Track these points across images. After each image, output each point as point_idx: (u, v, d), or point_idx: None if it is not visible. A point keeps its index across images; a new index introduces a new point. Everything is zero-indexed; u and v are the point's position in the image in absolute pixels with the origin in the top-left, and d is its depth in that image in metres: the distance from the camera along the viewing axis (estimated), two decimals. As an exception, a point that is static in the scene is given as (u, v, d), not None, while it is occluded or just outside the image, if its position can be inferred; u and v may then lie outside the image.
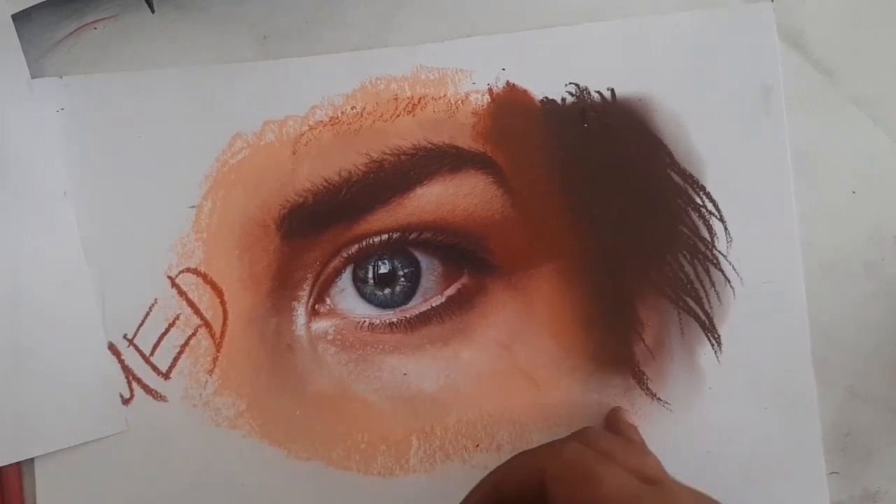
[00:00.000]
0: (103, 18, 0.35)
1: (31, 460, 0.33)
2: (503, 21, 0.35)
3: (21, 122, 0.33)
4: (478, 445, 0.34)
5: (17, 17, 0.33)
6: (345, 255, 0.34)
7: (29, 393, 0.33)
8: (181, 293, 0.34)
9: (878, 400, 0.35)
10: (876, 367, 0.35)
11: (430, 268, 0.35)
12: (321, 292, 0.34)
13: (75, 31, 0.35)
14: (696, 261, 0.35)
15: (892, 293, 0.36)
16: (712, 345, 0.35)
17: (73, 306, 0.34)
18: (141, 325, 0.34)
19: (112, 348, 0.34)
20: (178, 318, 0.34)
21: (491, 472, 0.30)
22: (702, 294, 0.35)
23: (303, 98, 0.35)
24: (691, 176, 0.35)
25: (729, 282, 0.35)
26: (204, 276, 0.34)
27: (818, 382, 0.35)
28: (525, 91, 0.35)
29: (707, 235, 0.35)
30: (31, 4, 0.33)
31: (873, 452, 0.35)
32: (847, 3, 0.36)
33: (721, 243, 0.35)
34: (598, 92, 0.35)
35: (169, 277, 0.34)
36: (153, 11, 0.33)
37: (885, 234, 0.36)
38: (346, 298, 0.34)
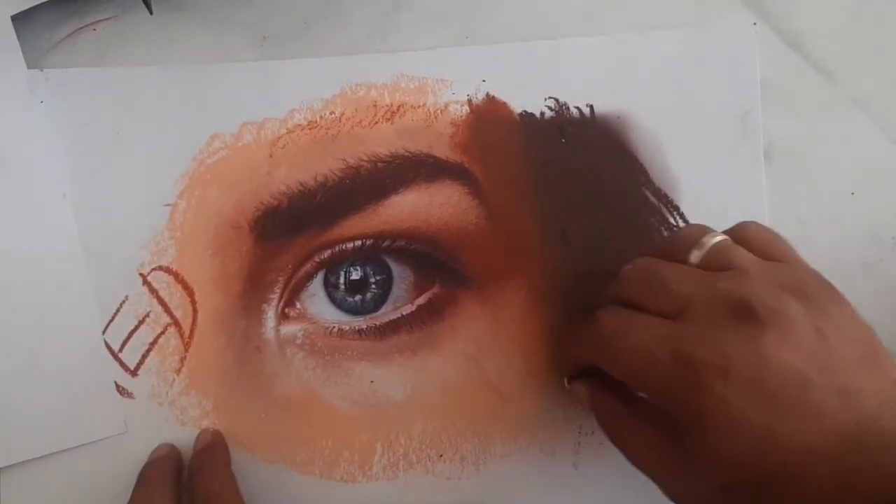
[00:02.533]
0: (102, 19, 0.35)
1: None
2: (501, 25, 0.35)
3: (22, 123, 0.33)
4: (441, 455, 0.34)
5: (16, 18, 0.33)
6: (317, 259, 0.34)
7: (27, 394, 0.33)
8: (152, 291, 0.34)
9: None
10: None
11: (401, 276, 0.35)
12: (292, 296, 0.34)
13: (74, 31, 0.35)
14: (667, 280, 0.35)
15: (892, 293, 0.36)
16: (680, 365, 0.35)
17: (72, 307, 0.34)
18: (111, 321, 0.34)
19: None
20: (147, 315, 0.34)
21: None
22: (672, 314, 0.35)
23: (282, 101, 0.35)
24: (666, 196, 0.35)
25: (699, 303, 0.35)
26: (175, 275, 0.34)
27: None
28: (504, 104, 0.35)
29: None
30: (30, 5, 0.33)
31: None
32: (847, 4, 0.36)
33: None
34: (577, 107, 0.35)
35: (141, 275, 0.34)
36: (151, 13, 0.33)
37: (884, 235, 0.36)
38: (317, 303, 0.34)
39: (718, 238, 0.29)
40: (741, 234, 0.30)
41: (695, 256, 0.29)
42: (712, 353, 0.25)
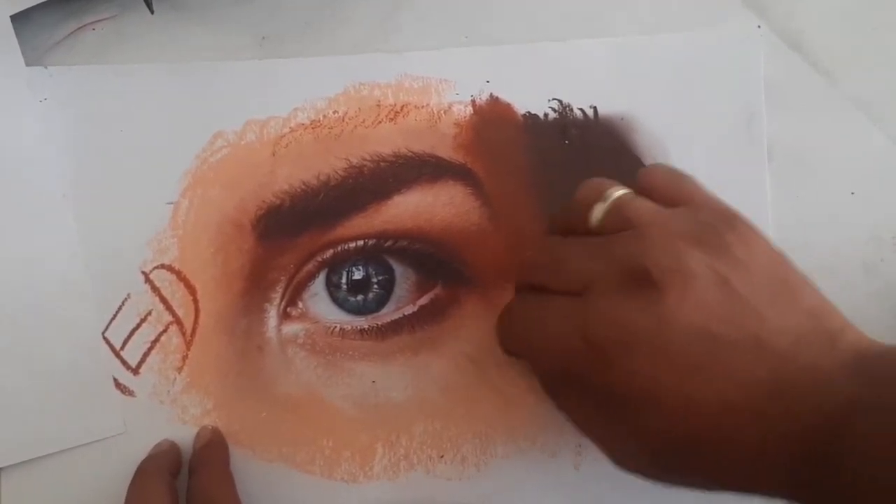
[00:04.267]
0: (102, 19, 0.35)
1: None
2: (501, 27, 0.35)
3: (22, 124, 0.33)
4: (442, 456, 0.34)
5: (16, 18, 0.33)
6: (319, 259, 0.34)
7: (27, 394, 0.33)
8: (154, 289, 0.34)
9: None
10: None
11: (404, 276, 0.35)
12: (294, 295, 0.34)
13: (74, 31, 0.35)
14: (670, 283, 0.35)
15: (892, 293, 0.36)
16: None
17: (72, 307, 0.33)
18: (113, 319, 0.34)
19: (82, 341, 0.34)
20: (149, 313, 0.34)
21: None
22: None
23: (285, 99, 0.35)
24: (669, 198, 0.35)
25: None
26: (178, 274, 0.34)
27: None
28: (508, 104, 0.35)
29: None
30: (30, 5, 0.33)
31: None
32: (847, 4, 0.36)
33: (696, 266, 0.35)
34: (581, 109, 0.35)
35: (143, 273, 0.34)
36: (152, 12, 0.33)
37: (884, 235, 0.36)
38: (319, 303, 0.34)
39: (620, 192, 0.28)
40: (644, 182, 0.29)
41: (597, 213, 0.28)
42: (615, 329, 0.25)
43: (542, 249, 0.29)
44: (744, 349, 0.24)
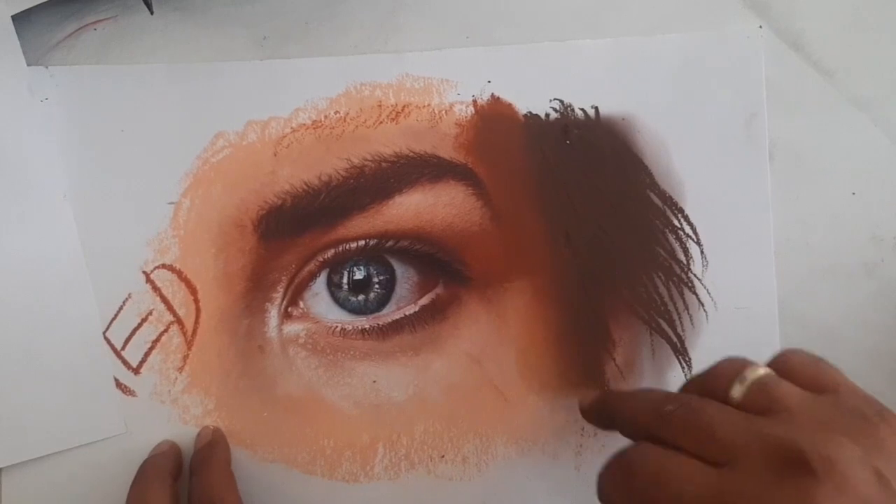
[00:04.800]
0: (103, 19, 0.35)
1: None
2: (502, 27, 0.35)
3: (22, 124, 0.33)
4: (443, 456, 0.34)
5: (16, 18, 0.33)
6: (321, 259, 0.34)
7: (28, 394, 0.33)
8: (155, 289, 0.34)
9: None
10: (876, 367, 0.35)
11: (405, 276, 0.35)
12: (295, 295, 0.34)
13: (75, 32, 0.35)
14: (670, 283, 0.35)
15: (892, 294, 0.36)
16: (683, 367, 0.35)
17: (73, 308, 0.33)
18: (114, 319, 0.34)
19: (83, 341, 0.34)
20: (150, 313, 0.34)
21: None
22: (675, 316, 0.35)
23: (287, 100, 0.35)
24: (670, 198, 0.35)
25: (703, 305, 0.35)
26: (179, 274, 0.34)
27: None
28: (509, 105, 0.35)
29: (683, 258, 0.35)
30: (30, 5, 0.33)
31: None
32: (847, 4, 0.36)
33: (696, 266, 0.35)
34: (582, 109, 0.35)
35: (144, 273, 0.34)
36: (152, 13, 0.33)
37: (885, 235, 0.36)
38: (320, 303, 0.34)
39: (760, 372, 0.27)
40: (784, 366, 0.28)
41: (736, 392, 0.27)
42: None
43: (686, 407, 0.27)
44: None
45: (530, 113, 0.35)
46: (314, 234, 0.34)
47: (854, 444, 0.24)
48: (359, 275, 0.35)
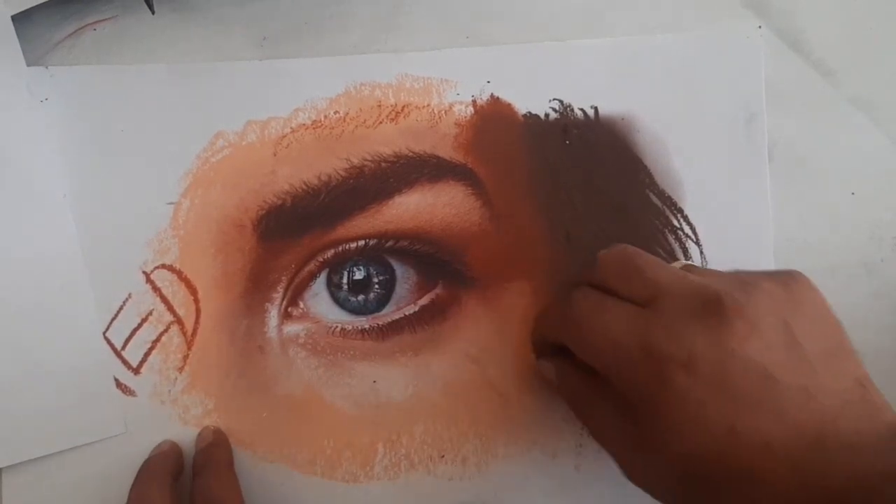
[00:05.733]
0: (103, 19, 0.35)
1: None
2: (502, 27, 0.35)
3: (22, 124, 0.33)
4: (443, 456, 0.34)
5: (16, 18, 0.33)
6: (320, 259, 0.34)
7: (28, 394, 0.33)
8: (155, 289, 0.34)
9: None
10: (876, 367, 0.35)
11: (405, 276, 0.35)
12: (295, 295, 0.34)
13: (75, 32, 0.35)
14: (670, 283, 0.35)
15: (892, 293, 0.36)
16: (683, 367, 0.35)
17: (72, 308, 0.33)
18: (114, 319, 0.34)
19: (83, 341, 0.34)
20: (150, 313, 0.34)
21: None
22: (674, 316, 0.35)
23: (287, 100, 0.35)
24: (670, 198, 0.35)
25: (702, 305, 0.35)
26: (179, 274, 0.34)
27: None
28: (509, 105, 0.35)
29: (682, 258, 0.35)
30: (31, 5, 0.33)
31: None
32: (847, 4, 0.36)
33: (696, 267, 0.35)
34: (582, 109, 0.35)
35: (144, 273, 0.34)
36: (153, 13, 0.33)
37: (884, 235, 0.36)
38: (320, 303, 0.34)
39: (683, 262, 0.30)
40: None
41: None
42: (678, 347, 0.25)
43: (618, 253, 0.29)
44: (794, 397, 0.24)
45: (530, 113, 0.35)
46: (314, 234, 0.34)
47: (768, 296, 0.26)
48: (358, 275, 0.35)
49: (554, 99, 0.35)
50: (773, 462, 0.24)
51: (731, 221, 0.35)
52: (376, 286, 0.35)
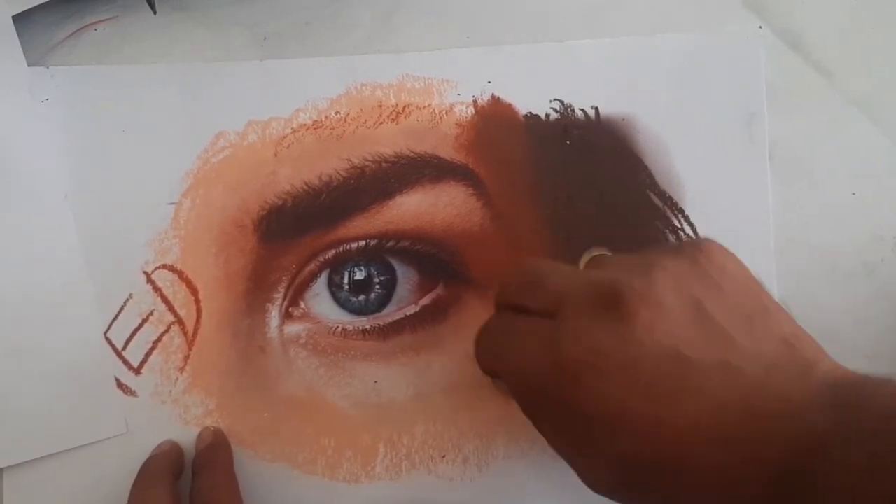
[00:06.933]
0: (103, 20, 0.35)
1: None
2: (500, 27, 0.35)
3: (23, 125, 0.33)
4: (444, 456, 0.34)
5: (17, 18, 0.33)
6: (321, 259, 0.34)
7: (29, 394, 0.33)
8: (156, 289, 0.34)
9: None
10: (876, 368, 0.35)
11: (405, 276, 0.35)
12: (296, 296, 0.34)
13: (75, 32, 0.35)
14: (671, 283, 0.35)
15: (892, 294, 0.36)
16: (683, 367, 0.35)
17: (73, 308, 0.33)
18: (115, 319, 0.34)
19: (84, 341, 0.34)
20: (151, 314, 0.34)
21: None
22: (675, 316, 0.35)
23: (288, 100, 0.35)
24: (670, 198, 0.35)
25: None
26: (180, 274, 0.34)
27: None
28: (510, 105, 0.35)
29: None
30: (31, 5, 0.33)
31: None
32: (847, 5, 0.36)
33: (697, 267, 0.35)
34: (582, 109, 0.35)
35: (145, 273, 0.34)
36: (155, 13, 0.33)
37: (885, 235, 0.36)
38: (321, 303, 0.34)
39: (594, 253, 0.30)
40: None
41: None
42: (585, 350, 0.25)
43: (522, 269, 0.29)
44: (713, 373, 0.24)
45: (530, 113, 0.35)
46: (315, 234, 0.34)
47: (670, 275, 0.25)
48: (359, 275, 0.35)
49: (555, 99, 0.35)
50: (703, 444, 0.23)
51: (731, 221, 0.35)
52: (377, 286, 0.35)
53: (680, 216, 0.35)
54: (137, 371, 0.34)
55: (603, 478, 0.26)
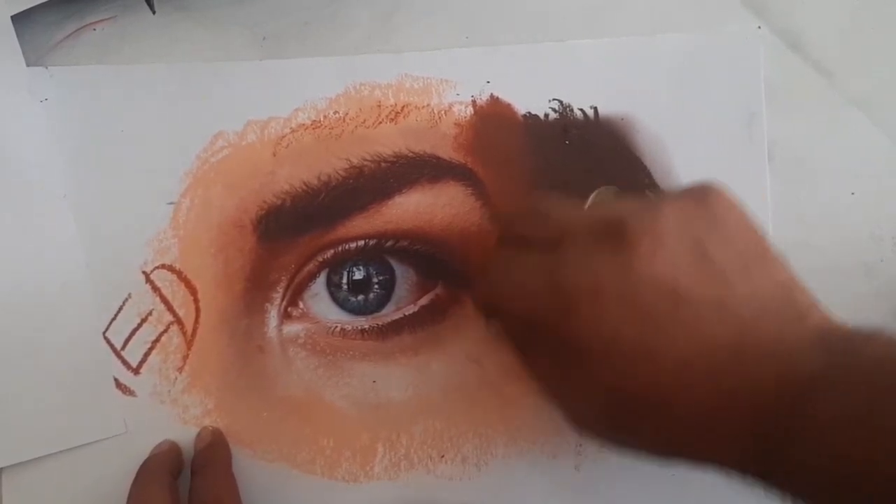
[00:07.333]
0: (103, 19, 0.35)
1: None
2: (500, 27, 0.35)
3: (22, 124, 0.33)
4: (443, 456, 0.34)
5: (16, 18, 0.33)
6: (320, 259, 0.34)
7: (28, 394, 0.33)
8: (155, 289, 0.34)
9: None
10: None
11: (404, 276, 0.35)
12: (294, 296, 0.34)
13: (75, 32, 0.35)
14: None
15: (892, 294, 0.36)
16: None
17: (72, 308, 0.34)
18: (114, 319, 0.34)
19: (83, 341, 0.34)
20: (150, 313, 0.34)
21: None
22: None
23: (286, 100, 0.35)
24: (670, 198, 0.35)
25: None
26: (179, 274, 0.34)
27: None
28: (508, 105, 0.35)
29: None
30: (31, 5, 0.33)
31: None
32: (846, 5, 0.36)
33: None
34: (581, 109, 0.35)
35: (144, 273, 0.34)
36: (154, 13, 0.33)
37: (884, 235, 0.36)
38: (320, 303, 0.34)
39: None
40: None
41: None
42: (583, 277, 0.25)
43: (526, 203, 0.29)
44: (708, 311, 0.24)
45: (529, 113, 0.35)
46: (314, 234, 0.34)
47: (676, 211, 0.25)
48: (358, 275, 0.35)
49: (554, 99, 0.35)
50: (691, 378, 0.23)
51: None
52: (376, 286, 0.35)
53: (679, 216, 0.35)
54: (136, 371, 0.34)
55: (589, 411, 0.26)
